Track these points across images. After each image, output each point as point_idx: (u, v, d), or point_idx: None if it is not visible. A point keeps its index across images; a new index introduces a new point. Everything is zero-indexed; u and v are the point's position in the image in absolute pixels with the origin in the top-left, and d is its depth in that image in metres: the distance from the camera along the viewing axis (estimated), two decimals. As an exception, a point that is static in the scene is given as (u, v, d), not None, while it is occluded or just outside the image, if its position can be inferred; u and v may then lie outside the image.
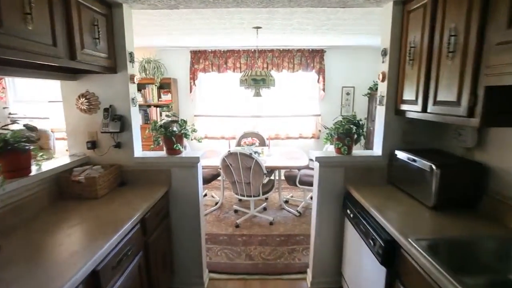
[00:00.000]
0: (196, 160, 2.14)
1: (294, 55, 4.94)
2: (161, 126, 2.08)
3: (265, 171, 3.10)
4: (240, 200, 4.00)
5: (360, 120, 2.10)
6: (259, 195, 3.33)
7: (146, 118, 5.12)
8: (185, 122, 2.16)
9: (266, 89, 3.66)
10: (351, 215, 1.97)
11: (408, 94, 1.85)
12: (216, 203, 4.02)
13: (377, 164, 2.14)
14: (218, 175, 3.95)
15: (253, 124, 5.25)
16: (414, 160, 1.78)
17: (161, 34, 3.86)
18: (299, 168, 3.41)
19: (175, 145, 2.06)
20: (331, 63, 5.09)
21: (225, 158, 3.13)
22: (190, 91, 5.12)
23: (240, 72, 4.88)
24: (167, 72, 5.06)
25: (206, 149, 4.52)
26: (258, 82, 3.46)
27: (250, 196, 3.35)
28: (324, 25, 3.33)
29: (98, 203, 1.78)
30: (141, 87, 5.02)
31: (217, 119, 5.28)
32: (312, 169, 3.76)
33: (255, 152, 3.74)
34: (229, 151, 3.07)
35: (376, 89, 4.51)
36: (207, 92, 5.36)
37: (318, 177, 2.19)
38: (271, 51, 4.93)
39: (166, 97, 4.98)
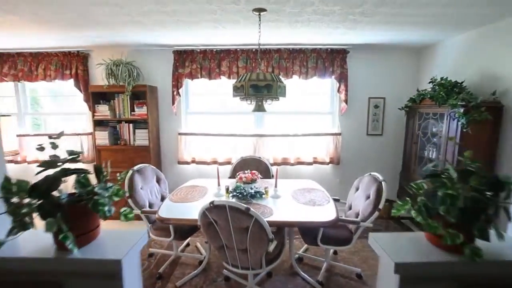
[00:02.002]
0: (114, 266, 0.94)
1: (308, 57, 3.79)
2: (35, 186, 0.90)
3: (270, 236, 1.88)
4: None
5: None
6: (260, 267, 2.11)
7: (116, 139, 3.94)
8: (101, 173, 0.97)
9: (273, 100, 2.48)
10: None
11: None
12: (200, 262, 2.80)
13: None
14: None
15: (253, 145, 4.05)
16: None
17: (127, 24, 2.73)
18: (325, 225, 2.20)
19: (61, 235, 0.87)
20: (356, 67, 3.92)
21: (206, 212, 1.92)
22: (173, 103, 3.96)
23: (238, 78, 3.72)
24: (142, 77, 3.92)
25: (191, 179, 3.33)
26: (260, 90, 2.29)
27: (248, 269, 2.12)
28: (361, 4, 2.18)
29: None
30: (110, 97, 3.89)
31: (208, 139, 4.09)
32: (344, 221, 2.51)
33: (256, 193, 2.55)
34: (211, 203, 1.86)
35: (421, 100, 3.32)
36: (195, 104, 4.20)
37: (393, 297, 0.98)
38: (278, 51, 3.79)
39: (140, 110, 3.82)
